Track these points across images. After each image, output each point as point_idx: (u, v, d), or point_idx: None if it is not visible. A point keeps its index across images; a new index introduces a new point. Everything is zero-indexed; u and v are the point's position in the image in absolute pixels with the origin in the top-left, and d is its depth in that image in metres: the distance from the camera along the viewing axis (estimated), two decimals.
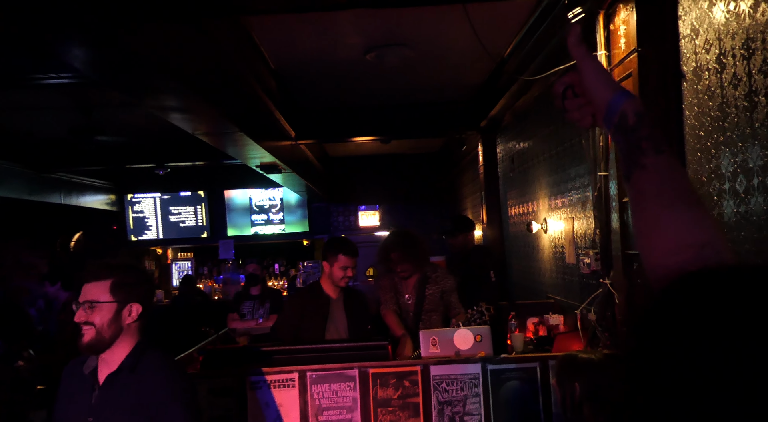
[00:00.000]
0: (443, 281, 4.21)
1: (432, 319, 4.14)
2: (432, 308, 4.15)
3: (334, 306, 3.81)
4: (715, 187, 2.58)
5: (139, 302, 2.14)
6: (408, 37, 4.75)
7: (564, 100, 1.08)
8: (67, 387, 2.19)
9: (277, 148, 6.18)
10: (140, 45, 2.91)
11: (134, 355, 2.11)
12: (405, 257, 4.12)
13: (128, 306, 2.13)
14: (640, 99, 0.98)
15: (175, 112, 4.08)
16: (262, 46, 4.83)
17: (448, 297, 4.20)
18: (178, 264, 12.34)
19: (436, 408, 3.04)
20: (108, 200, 11.19)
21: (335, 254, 3.74)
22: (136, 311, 2.14)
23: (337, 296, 3.83)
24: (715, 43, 2.55)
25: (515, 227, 6.57)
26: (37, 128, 7.26)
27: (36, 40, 2.71)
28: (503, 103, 5.87)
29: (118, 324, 2.10)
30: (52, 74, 4.50)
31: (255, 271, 6.47)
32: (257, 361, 3.18)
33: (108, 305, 2.09)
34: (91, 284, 2.13)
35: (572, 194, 4.54)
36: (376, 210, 11.59)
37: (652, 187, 0.92)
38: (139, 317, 2.15)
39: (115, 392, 2.07)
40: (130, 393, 2.05)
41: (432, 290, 4.17)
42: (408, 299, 4.18)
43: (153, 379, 2.07)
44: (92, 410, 2.07)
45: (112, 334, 2.10)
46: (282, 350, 3.25)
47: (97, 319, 2.08)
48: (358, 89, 6.36)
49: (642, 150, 0.94)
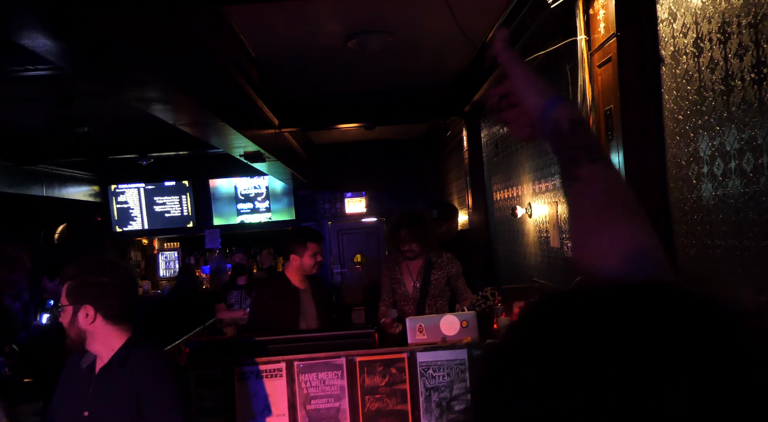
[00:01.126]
0: (448, 266, 4.20)
1: (438, 305, 4.14)
2: (437, 293, 4.15)
3: (303, 297, 3.85)
4: (693, 170, 2.61)
5: (92, 305, 2.10)
6: (389, 23, 4.73)
7: (500, 111, 1.00)
8: (66, 380, 2.23)
9: (260, 137, 6.14)
10: (115, 36, 2.88)
11: (124, 350, 2.13)
12: (414, 235, 4.11)
13: (82, 308, 2.11)
14: (574, 104, 0.92)
15: (156, 103, 4.04)
16: (242, 35, 4.78)
17: (455, 283, 4.20)
18: (164, 254, 12.29)
19: (423, 395, 3.07)
20: (91, 191, 11.09)
21: (304, 243, 3.82)
22: (92, 314, 2.10)
23: (305, 286, 3.89)
24: (693, 27, 2.56)
25: (500, 212, 6.60)
26: (16, 120, 7.16)
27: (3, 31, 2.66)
28: (486, 88, 5.87)
29: (76, 326, 2.11)
30: (28, 67, 4.43)
31: (242, 261, 6.48)
32: (244, 352, 3.19)
33: (67, 309, 2.12)
34: (62, 286, 2.16)
35: (556, 179, 4.56)
36: (362, 197, 11.58)
37: (586, 200, 0.86)
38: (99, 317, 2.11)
39: (107, 385, 2.11)
40: (119, 386, 2.08)
41: (437, 275, 4.16)
42: (414, 284, 4.17)
43: (140, 371, 2.09)
44: (88, 403, 2.11)
45: (77, 336, 2.11)
46: (269, 340, 3.26)
47: (64, 321, 2.12)
48: (341, 76, 6.33)
49: (576, 160, 0.87)
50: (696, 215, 2.59)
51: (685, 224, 2.70)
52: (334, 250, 11.38)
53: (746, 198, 2.23)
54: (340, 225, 11.48)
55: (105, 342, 2.13)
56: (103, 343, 2.13)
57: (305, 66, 5.80)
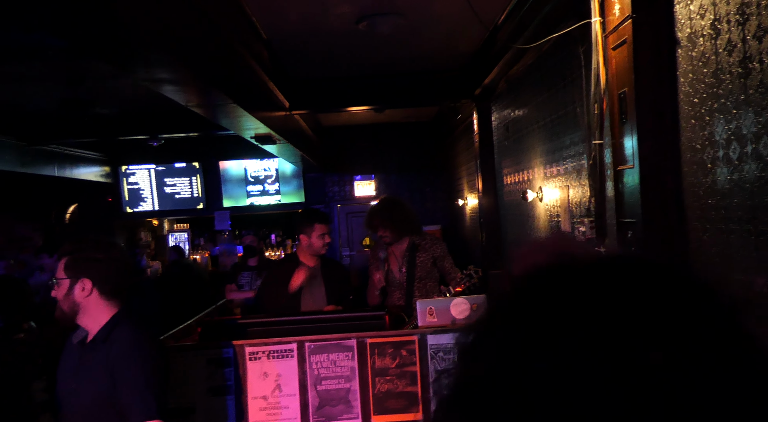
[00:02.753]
0: (432, 247, 4.24)
1: (427, 287, 4.18)
2: (424, 275, 4.19)
3: (312, 276, 3.89)
4: (708, 154, 2.59)
5: (89, 278, 2.18)
6: (400, 5, 4.69)
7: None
8: (64, 356, 2.33)
9: (271, 119, 6.14)
10: (127, 15, 2.87)
11: (108, 326, 2.21)
12: (386, 221, 4.18)
13: (79, 282, 2.18)
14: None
15: (167, 84, 4.03)
16: (254, 16, 4.76)
17: (442, 263, 4.23)
18: (174, 235, 12.37)
19: (433, 377, 3.09)
20: (102, 171, 11.15)
21: (311, 224, 3.89)
22: (88, 286, 2.18)
23: (315, 264, 3.93)
24: (710, 9, 2.53)
25: (510, 196, 6.58)
26: (29, 100, 7.19)
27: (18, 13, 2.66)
28: (497, 71, 5.82)
29: (71, 299, 2.19)
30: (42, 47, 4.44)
31: (252, 243, 6.49)
32: (256, 332, 3.21)
33: (64, 282, 2.19)
34: (59, 261, 2.23)
35: (567, 163, 4.54)
36: (371, 180, 11.58)
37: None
38: (95, 291, 2.19)
39: (89, 360, 2.19)
40: (100, 361, 2.16)
41: (422, 257, 4.20)
42: (400, 269, 4.21)
43: (117, 346, 2.16)
44: (74, 375, 2.21)
45: (70, 309, 2.19)
46: (280, 321, 3.28)
47: (59, 295, 2.20)
48: (351, 59, 6.30)
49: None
50: (710, 199, 2.58)
51: (698, 209, 2.69)
52: (343, 233, 11.40)
53: (762, 182, 2.21)
54: (349, 208, 11.49)
55: (95, 316, 2.21)
56: (93, 318, 2.21)
57: (316, 48, 5.78)
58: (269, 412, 3.07)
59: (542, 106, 5.15)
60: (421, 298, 3.96)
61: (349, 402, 3.08)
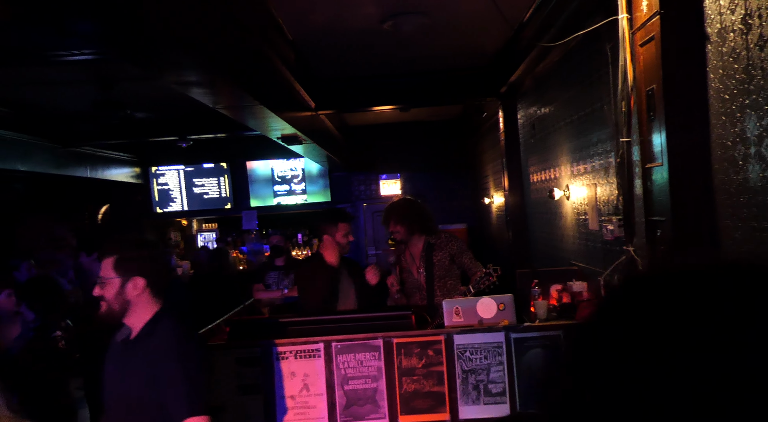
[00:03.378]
0: (448, 245, 4.24)
1: (447, 285, 4.18)
2: (444, 274, 4.19)
3: (340, 276, 3.93)
4: (740, 151, 2.54)
5: (142, 276, 2.23)
6: (424, 4, 4.68)
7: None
8: (108, 354, 2.36)
9: (297, 119, 6.18)
10: (156, 19, 2.92)
11: (151, 323, 2.24)
12: (398, 217, 4.23)
13: (131, 281, 2.22)
14: None
15: (195, 87, 4.09)
16: (280, 18, 4.80)
17: (460, 260, 4.22)
18: (203, 235, 12.53)
19: (460, 377, 3.08)
20: (133, 172, 11.34)
21: (335, 223, 3.93)
22: (141, 285, 2.23)
23: (339, 265, 3.93)
24: (741, 3, 2.48)
25: (537, 194, 6.53)
26: (62, 103, 7.36)
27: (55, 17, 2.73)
28: (523, 68, 5.78)
29: (124, 297, 2.22)
30: (74, 51, 4.54)
31: (279, 242, 6.55)
32: (283, 332, 3.24)
33: (113, 281, 2.21)
34: (103, 260, 2.26)
35: (595, 160, 4.49)
36: (397, 179, 11.58)
37: None
38: (147, 289, 2.24)
39: (134, 355, 2.22)
40: (142, 357, 2.19)
41: (439, 256, 4.20)
42: (418, 270, 4.22)
43: (159, 341, 2.19)
44: (120, 371, 2.24)
45: (121, 307, 2.22)
46: (307, 321, 3.31)
47: (107, 294, 2.22)
48: (376, 58, 6.31)
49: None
50: (742, 196, 2.53)
51: (730, 207, 2.64)
52: (368, 231, 11.43)
53: None
54: (375, 207, 11.51)
55: (141, 313, 2.24)
56: (139, 315, 2.24)
57: (341, 48, 5.80)
58: (297, 412, 3.10)
59: (569, 103, 5.10)
60: (443, 297, 3.96)
61: (376, 402, 3.10)
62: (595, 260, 4.57)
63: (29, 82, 6.13)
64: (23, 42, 4.49)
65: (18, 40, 4.47)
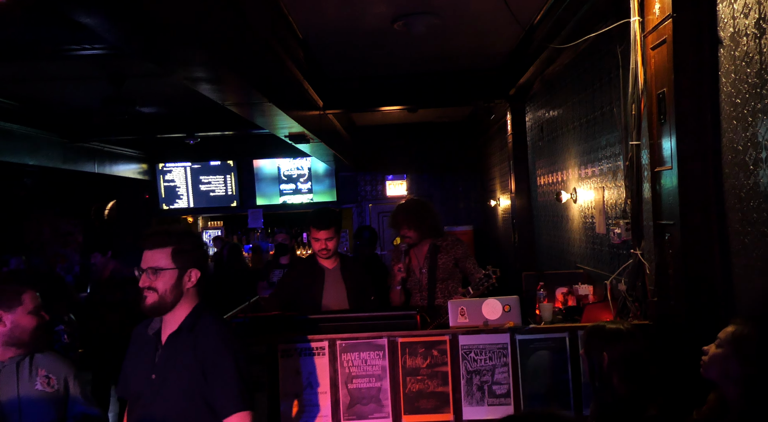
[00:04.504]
0: (453, 248, 4.21)
1: (449, 287, 4.15)
2: (446, 276, 4.16)
3: (330, 277, 3.79)
4: (751, 156, 2.53)
5: (197, 268, 2.24)
6: (435, 4, 4.68)
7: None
8: (134, 348, 2.33)
9: (305, 118, 6.18)
10: (167, 15, 2.92)
11: (193, 316, 2.22)
12: (411, 222, 4.15)
13: (188, 272, 2.22)
14: None
15: (205, 83, 4.10)
16: (291, 16, 4.80)
17: (464, 264, 4.20)
18: (208, 233, 12.55)
19: (465, 377, 3.08)
20: (140, 169, 11.37)
21: (308, 226, 3.76)
22: (195, 276, 2.23)
23: (334, 266, 3.82)
24: (755, 7, 2.46)
25: (544, 197, 6.52)
26: (72, 98, 7.39)
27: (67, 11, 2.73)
28: (532, 70, 5.77)
29: (179, 289, 2.21)
30: (85, 45, 4.56)
31: (284, 241, 6.56)
32: (288, 329, 3.24)
33: (170, 272, 2.19)
34: (152, 251, 2.21)
35: (603, 164, 4.48)
36: (403, 179, 11.57)
37: None
38: (197, 281, 2.25)
39: (175, 350, 2.19)
40: (188, 351, 2.17)
41: (444, 258, 4.18)
42: (420, 270, 4.19)
43: (207, 337, 2.18)
44: (155, 367, 2.20)
45: (174, 298, 2.20)
46: (313, 319, 3.31)
47: (160, 284, 2.18)
48: (386, 58, 6.31)
49: None
50: (752, 201, 2.51)
51: (740, 211, 2.62)
52: None
53: None
54: (381, 207, 11.51)
55: (182, 306, 2.22)
56: (180, 308, 2.22)
57: (351, 48, 5.80)
58: (301, 409, 3.10)
59: (578, 106, 5.09)
60: (443, 299, 3.94)
61: (380, 401, 3.10)
62: (602, 264, 4.56)
63: (40, 77, 6.16)
64: (35, 36, 4.52)
65: (31, 35, 4.49)
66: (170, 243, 2.21)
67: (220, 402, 2.13)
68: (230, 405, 2.12)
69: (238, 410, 2.12)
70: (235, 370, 2.14)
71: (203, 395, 2.13)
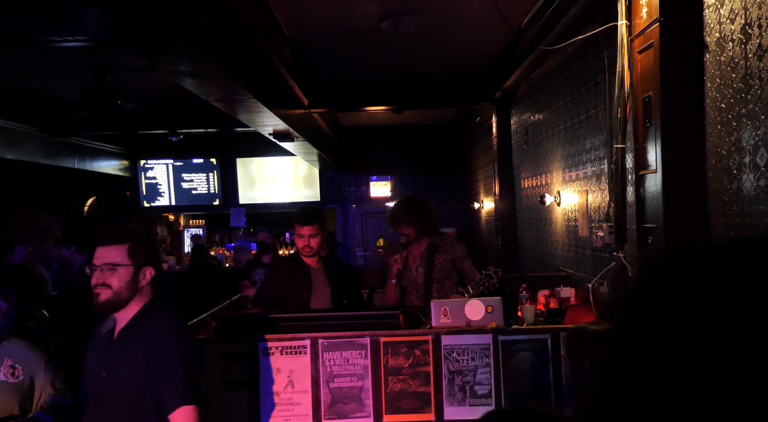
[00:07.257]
0: (452, 248, 4.19)
1: (445, 287, 4.12)
2: (443, 276, 4.14)
3: (315, 276, 3.77)
4: (735, 160, 2.54)
5: (152, 266, 2.24)
6: (424, 4, 4.67)
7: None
8: (90, 348, 2.32)
9: (290, 116, 6.14)
10: (152, 6, 2.88)
11: (143, 313, 2.21)
12: (410, 219, 4.11)
13: (143, 269, 2.22)
14: None
15: (189, 77, 4.06)
16: (277, 12, 4.77)
17: (461, 265, 4.17)
18: (189, 231, 12.42)
19: (447, 377, 3.06)
20: (121, 165, 11.23)
21: (293, 223, 3.75)
22: (150, 274, 2.23)
23: (318, 266, 3.81)
24: (741, 13, 2.48)
25: (528, 200, 6.54)
26: (53, 91, 7.27)
27: None
28: (519, 73, 5.79)
29: (134, 286, 2.20)
30: (67, 37, 4.48)
31: (266, 239, 6.50)
32: (270, 328, 3.21)
33: (126, 268, 2.18)
34: (107, 247, 2.20)
35: (587, 167, 4.50)
36: (387, 181, 11.56)
37: None
38: (151, 279, 2.24)
39: (125, 347, 2.18)
40: (135, 347, 2.16)
41: (441, 258, 4.15)
42: (417, 269, 4.17)
43: (155, 332, 2.17)
44: (106, 364, 2.19)
45: (128, 295, 2.19)
46: (294, 317, 3.28)
47: (115, 281, 2.17)
48: (373, 58, 6.30)
49: None
50: (735, 206, 2.53)
51: (723, 216, 2.64)
52: (357, 233, 11.40)
53: None
54: (365, 208, 11.48)
55: (135, 303, 2.21)
56: (133, 305, 2.21)
57: (338, 46, 5.78)
58: (281, 408, 3.07)
59: (563, 109, 5.11)
60: (440, 298, 3.92)
61: (362, 401, 3.07)
62: (584, 267, 4.57)
63: (20, 68, 6.04)
64: (16, 26, 4.43)
65: (11, 24, 4.41)
66: (127, 240, 2.21)
67: (164, 396, 2.10)
68: (174, 399, 2.10)
69: (183, 404, 2.09)
70: (180, 364, 2.11)
71: (151, 391, 2.11)
